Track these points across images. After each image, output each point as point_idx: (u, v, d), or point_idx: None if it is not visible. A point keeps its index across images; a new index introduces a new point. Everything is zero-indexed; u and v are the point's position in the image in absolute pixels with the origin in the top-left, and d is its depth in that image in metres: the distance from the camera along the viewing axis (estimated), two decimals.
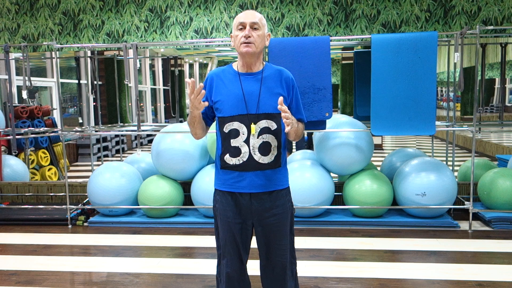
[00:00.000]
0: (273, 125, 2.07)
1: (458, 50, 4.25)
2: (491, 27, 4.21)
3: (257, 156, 2.05)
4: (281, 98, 1.93)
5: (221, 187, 2.14)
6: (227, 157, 2.08)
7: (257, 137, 2.05)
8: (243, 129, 2.05)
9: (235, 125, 2.05)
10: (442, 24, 5.00)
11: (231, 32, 2.15)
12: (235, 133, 2.06)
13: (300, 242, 4.01)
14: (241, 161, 2.06)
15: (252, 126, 2.04)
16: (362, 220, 4.53)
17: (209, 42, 5.35)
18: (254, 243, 2.20)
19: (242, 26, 2.03)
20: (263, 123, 2.05)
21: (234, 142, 2.06)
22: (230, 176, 2.10)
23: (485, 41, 5.42)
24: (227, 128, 2.07)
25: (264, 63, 2.15)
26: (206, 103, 1.97)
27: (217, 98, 2.09)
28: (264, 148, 2.06)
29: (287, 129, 1.93)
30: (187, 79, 1.92)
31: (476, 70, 4.27)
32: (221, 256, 2.21)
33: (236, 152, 2.06)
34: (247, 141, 2.05)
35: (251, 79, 2.09)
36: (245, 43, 2.02)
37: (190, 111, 2.00)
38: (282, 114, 1.92)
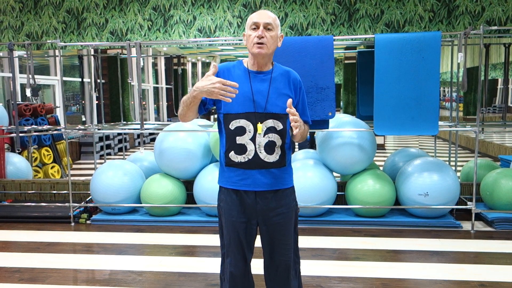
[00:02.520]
0: (279, 125, 2.07)
1: (462, 50, 4.24)
2: (495, 28, 4.20)
3: (263, 155, 2.05)
4: (290, 101, 1.93)
5: (226, 184, 2.14)
6: (232, 154, 2.08)
7: (263, 136, 2.05)
8: (249, 127, 2.04)
9: (242, 122, 2.05)
10: (445, 24, 4.99)
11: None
12: (241, 131, 2.05)
13: (303, 241, 4.01)
14: (246, 159, 2.06)
15: (259, 125, 2.03)
16: (364, 219, 4.53)
17: (212, 41, 5.35)
18: (257, 242, 2.20)
19: (256, 26, 2.02)
20: (270, 123, 2.05)
21: (239, 140, 2.06)
22: (235, 173, 2.09)
23: (488, 41, 5.41)
24: (233, 125, 2.06)
25: (273, 63, 2.15)
26: (229, 100, 1.91)
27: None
28: (270, 147, 2.06)
29: (294, 131, 1.94)
30: (213, 62, 1.91)
31: (479, 70, 4.26)
32: (225, 255, 2.20)
33: (241, 149, 2.06)
34: (253, 139, 2.05)
35: (260, 78, 2.08)
36: (258, 43, 2.01)
37: (197, 92, 1.92)
38: (291, 117, 1.92)
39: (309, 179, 4.45)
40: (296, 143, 7.68)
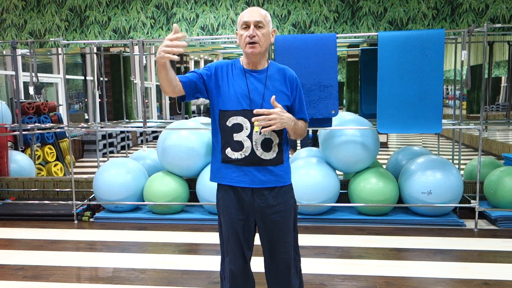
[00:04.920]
0: None
1: (465, 48, 4.23)
2: (498, 25, 4.18)
3: (260, 152, 2.06)
4: (273, 97, 1.96)
5: (223, 181, 2.14)
6: (228, 151, 2.08)
7: (260, 133, 2.05)
8: (246, 124, 2.05)
9: (239, 119, 2.06)
10: (449, 22, 4.97)
11: (236, 29, 2.13)
12: (238, 128, 2.06)
13: (305, 240, 4.01)
14: (243, 156, 2.06)
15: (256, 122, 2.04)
16: (367, 218, 4.52)
17: (215, 39, 5.35)
18: (257, 240, 2.20)
19: (246, 26, 2.03)
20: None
21: (237, 137, 2.06)
22: (231, 170, 2.10)
23: (492, 39, 5.39)
24: (230, 122, 2.07)
25: (269, 61, 2.15)
26: (175, 58, 1.85)
27: (223, 89, 2.08)
28: (267, 144, 2.07)
29: (266, 129, 1.94)
30: (174, 24, 1.87)
31: (483, 68, 4.25)
32: (224, 253, 2.21)
33: (238, 146, 2.06)
34: (250, 136, 2.05)
35: (256, 77, 2.10)
36: (250, 43, 2.02)
37: (158, 56, 1.87)
38: (268, 111, 1.93)
39: (312, 177, 4.45)
40: (298, 142, 7.67)
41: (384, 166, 5.23)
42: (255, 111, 1.94)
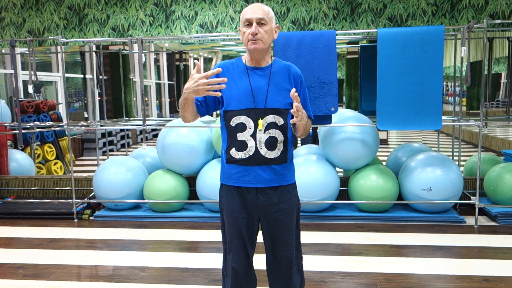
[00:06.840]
0: (280, 121, 2.06)
1: (465, 44, 4.22)
2: (498, 21, 4.17)
3: (264, 151, 2.05)
4: (293, 90, 1.93)
5: (227, 181, 2.14)
6: (233, 151, 2.08)
7: (264, 132, 2.04)
8: (250, 123, 2.04)
9: (242, 119, 2.04)
10: (449, 18, 4.96)
11: (239, 26, 2.12)
12: (241, 127, 2.05)
13: (306, 237, 4.01)
14: (247, 155, 2.05)
15: (260, 121, 2.03)
16: (367, 215, 4.52)
17: (214, 36, 5.34)
18: (260, 238, 2.20)
19: (249, 23, 2.01)
20: (270, 118, 2.05)
21: (240, 136, 2.05)
22: (236, 170, 2.09)
23: (492, 35, 5.38)
24: (234, 122, 2.06)
25: (273, 58, 2.14)
26: (218, 93, 1.91)
27: (225, 91, 2.08)
28: (271, 143, 2.05)
29: (295, 120, 1.93)
30: (196, 61, 1.90)
31: (483, 64, 4.24)
32: (227, 250, 2.20)
33: (242, 146, 2.05)
34: (253, 136, 2.04)
35: (259, 74, 2.08)
36: (252, 40, 2.00)
37: (186, 93, 1.92)
38: (294, 104, 1.90)
39: (312, 175, 4.45)
40: (299, 139, 7.66)
41: (384, 163, 5.23)
42: (291, 94, 1.93)
